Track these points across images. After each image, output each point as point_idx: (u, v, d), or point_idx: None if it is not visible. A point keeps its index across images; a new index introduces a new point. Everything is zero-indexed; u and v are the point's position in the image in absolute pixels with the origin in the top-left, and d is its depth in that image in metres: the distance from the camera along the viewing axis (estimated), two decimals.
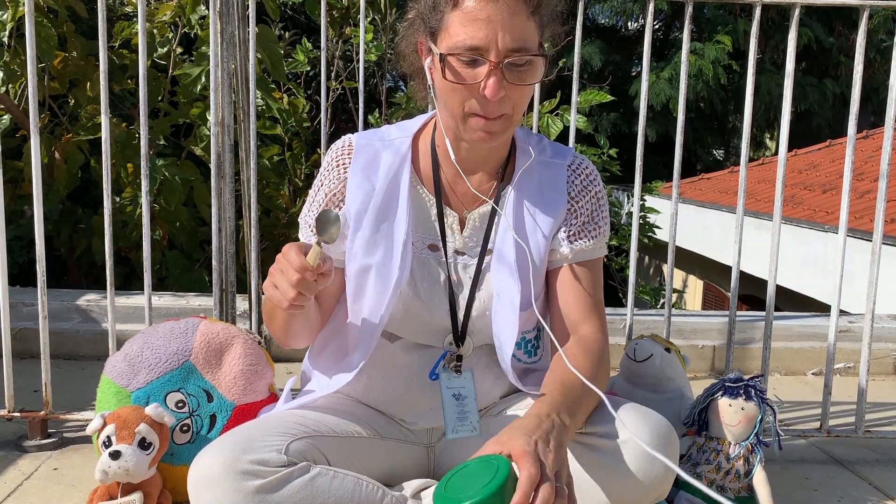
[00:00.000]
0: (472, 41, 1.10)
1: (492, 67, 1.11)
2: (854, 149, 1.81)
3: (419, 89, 1.30)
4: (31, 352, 2.08)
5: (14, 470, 1.66)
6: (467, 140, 1.21)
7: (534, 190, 1.28)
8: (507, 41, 1.10)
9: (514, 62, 1.12)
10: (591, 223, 1.30)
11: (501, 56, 1.10)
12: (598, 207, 1.31)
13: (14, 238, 3.65)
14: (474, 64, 1.12)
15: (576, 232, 1.29)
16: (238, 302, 2.00)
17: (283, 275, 1.07)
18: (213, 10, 1.83)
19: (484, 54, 1.11)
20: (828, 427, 1.90)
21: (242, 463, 1.07)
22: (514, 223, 1.26)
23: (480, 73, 1.12)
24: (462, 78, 1.13)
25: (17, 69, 3.19)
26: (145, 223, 1.82)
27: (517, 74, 1.13)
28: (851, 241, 5.32)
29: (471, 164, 1.27)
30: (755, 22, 1.82)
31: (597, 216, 1.31)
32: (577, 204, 1.29)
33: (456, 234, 1.28)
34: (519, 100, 1.16)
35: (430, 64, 1.19)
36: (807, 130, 12.90)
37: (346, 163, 1.28)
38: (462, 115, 1.16)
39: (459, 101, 1.15)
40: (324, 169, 1.31)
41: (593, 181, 1.32)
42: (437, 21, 1.15)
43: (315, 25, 3.90)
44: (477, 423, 1.26)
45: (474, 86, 1.13)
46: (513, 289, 1.23)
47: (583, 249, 1.29)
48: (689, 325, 2.66)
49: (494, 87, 1.11)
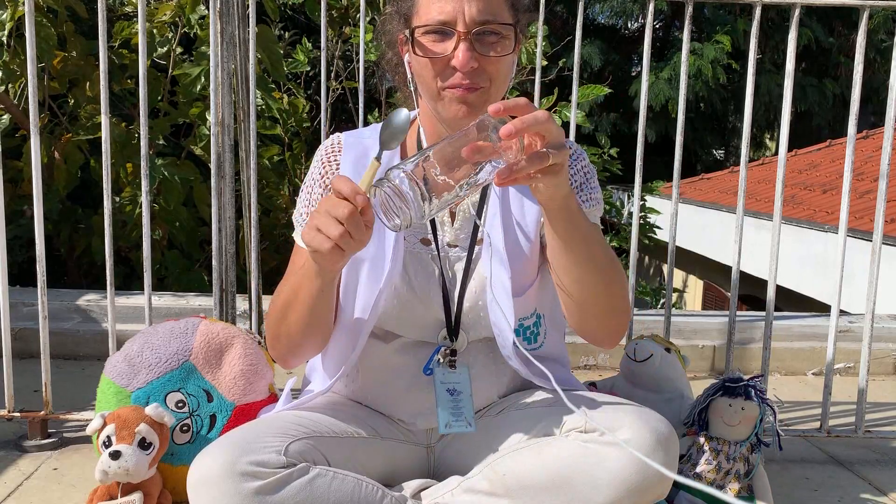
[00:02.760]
0: (440, 15, 1.14)
1: (460, 38, 1.13)
2: (854, 149, 1.81)
3: (403, 90, 1.31)
4: (31, 352, 2.07)
5: (14, 470, 1.66)
6: (447, 118, 1.20)
7: None
8: (474, 12, 1.13)
9: (483, 31, 1.14)
10: (583, 191, 1.30)
11: (469, 26, 1.13)
12: (585, 180, 1.31)
13: (14, 238, 3.65)
14: (444, 37, 1.15)
15: None
16: (238, 302, 2.00)
17: (329, 213, 0.99)
18: (213, 9, 1.82)
19: (452, 26, 1.14)
20: (828, 427, 1.90)
21: (242, 464, 1.07)
22: (501, 210, 1.27)
23: (450, 45, 1.14)
24: (433, 52, 1.15)
25: (16, 69, 3.19)
26: (145, 223, 1.82)
27: (487, 46, 1.15)
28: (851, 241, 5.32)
29: None
30: (755, 22, 1.82)
31: (586, 186, 1.31)
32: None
33: (447, 227, 1.29)
34: (495, 73, 1.17)
35: (409, 59, 1.21)
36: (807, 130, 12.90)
37: (336, 159, 1.30)
38: (437, 90, 1.17)
39: (433, 76, 1.17)
40: (316, 166, 1.32)
41: (578, 158, 1.32)
42: (409, 7, 1.19)
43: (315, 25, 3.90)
44: (472, 418, 1.26)
45: (446, 59, 1.15)
46: (503, 275, 1.23)
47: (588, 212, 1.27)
48: (689, 325, 2.66)
49: (464, 57, 1.13)
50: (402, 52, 1.23)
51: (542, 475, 1.16)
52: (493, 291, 1.22)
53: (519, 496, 1.17)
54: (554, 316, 1.37)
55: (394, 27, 1.24)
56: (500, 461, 1.20)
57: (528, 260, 1.27)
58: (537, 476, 1.16)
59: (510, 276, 1.22)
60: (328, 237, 1.00)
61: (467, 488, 1.22)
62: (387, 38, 1.27)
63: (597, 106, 12.68)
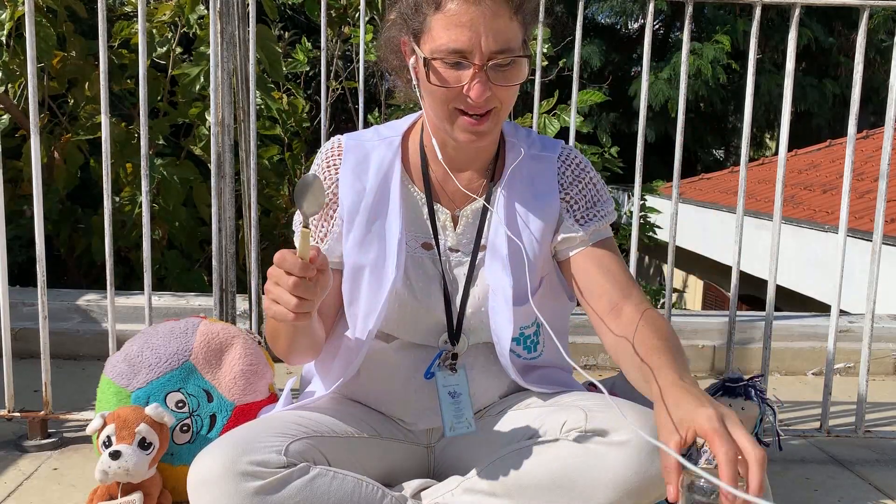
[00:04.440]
0: (455, 45, 1.10)
1: (476, 71, 1.11)
2: (854, 149, 1.81)
3: (402, 87, 1.30)
4: (31, 352, 2.07)
5: (14, 470, 1.66)
6: (455, 140, 1.20)
7: (525, 184, 1.28)
8: (491, 44, 1.10)
9: (499, 63, 1.12)
10: (597, 206, 1.30)
11: (485, 59, 1.10)
12: (596, 192, 1.31)
13: (14, 238, 3.65)
14: (458, 67, 1.12)
15: (584, 215, 1.29)
16: (238, 302, 2.00)
17: (279, 285, 1.00)
18: (213, 9, 1.82)
19: (468, 57, 1.11)
20: (828, 427, 1.90)
21: (242, 464, 1.07)
22: (505, 218, 1.26)
23: (465, 75, 1.12)
24: (446, 81, 1.13)
25: (16, 69, 3.19)
26: (145, 223, 1.82)
27: (502, 75, 1.13)
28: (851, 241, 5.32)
29: (459, 162, 1.27)
30: (755, 22, 1.82)
31: (598, 200, 1.31)
32: (572, 193, 1.29)
33: (449, 232, 1.28)
34: (505, 97, 1.16)
35: (413, 63, 1.19)
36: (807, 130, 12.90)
37: (336, 163, 1.28)
38: (448, 115, 1.16)
39: (444, 103, 1.15)
40: (315, 171, 1.31)
41: (584, 169, 1.32)
42: (420, 23, 1.15)
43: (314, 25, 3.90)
44: (472, 419, 1.26)
45: (459, 88, 1.13)
46: (505, 283, 1.22)
47: (597, 230, 1.29)
48: (689, 325, 2.66)
49: (479, 91, 1.11)
50: (407, 56, 1.21)
51: (541, 475, 1.16)
52: (495, 299, 1.22)
53: (519, 496, 1.17)
54: (555, 324, 1.34)
55: (398, 35, 1.22)
56: (500, 461, 1.20)
57: (532, 269, 1.27)
58: (537, 476, 1.16)
59: (512, 285, 1.22)
60: (286, 307, 1.01)
61: (467, 488, 1.22)
62: (391, 45, 1.25)
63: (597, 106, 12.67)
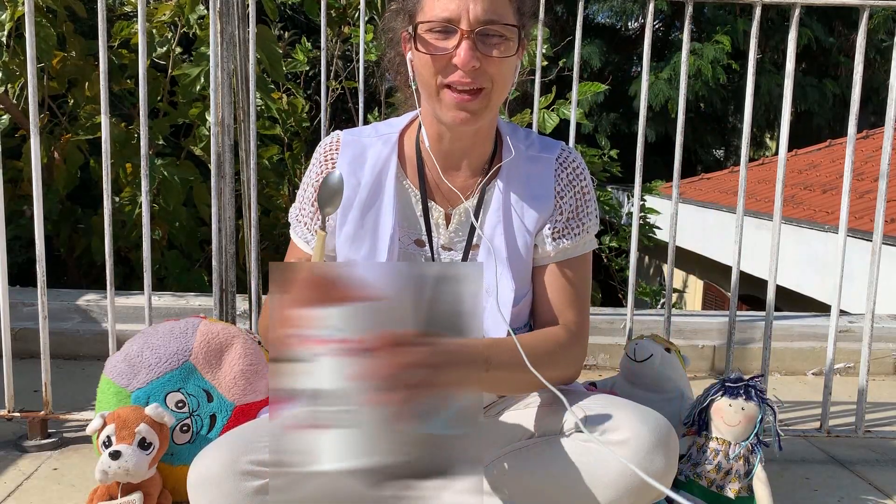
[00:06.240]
0: (444, 13, 1.13)
1: (463, 35, 1.13)
2: (854, 149, 1.81)
3: (404, 91, 1.30)
4: (31, 352, 2.07)
5: (14, 470, 1.66)
6: (446, 122, 1.20)
7: (521, 185, 1.28)
8: (479, 11, 1.12)
9: (486, 32, 1.13)
10: (574, 220, 1.29)
11: (472, 25, 1.12)
12: (583, 203, 1.30)
13: (14, 238, 3.65)
14: (447, 35, 1.14)
15: (560, 229, 1.28)
16: (238, 302, 2.00)
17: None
18: (213, 9, 1.82)
19: (455, 23, 1.13)
20: (828, 427, 1.90)
21: (242, 463, 1.07)
22: (503, 218, 1.26)
23: (453, 42, 1.14)
24: (435, 48, 1.15)
25: (16, 69, 3.19)
26: (145, 223, 1.82)
27: (490, 46, 1.14)
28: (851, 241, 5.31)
29: (454, 157, 1.27)
30: (755, 22, 1.82)
31: (581, 212, 1.30)
32: (562, 200, 1.29)
33: (442, 230, 1.28)
34: (497, 75, 1.16)
35: (411, 56, 1.20)
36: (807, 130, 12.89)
37: (334, 157, 1.29)
38: (436, 88, 1.17)
39: (433, 73, 1.16)
40: (313, 165, 1.32)
41: (579, 174, 1.31)
42: (413, 4, 1.18)
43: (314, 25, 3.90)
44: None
45: (448, 56, 1.14)
46: (506, 286, 1.22)
47: (564, 249, 1.28)
48: (689, 325, 2.66)
49: (466, 55, 1.12)
50: (406, 49, 1.23)
51: (542, 475, 1.16)
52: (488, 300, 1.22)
53: (519, 496, 1.17)
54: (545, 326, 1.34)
55: (397, 24, 1.24)
56: (500, 461, 1.20)
57: (526, 270, 1.27)
58: (537, 476, 1.16)
59: (513, 288, 1.22)
60: None
61: None
62: (389, 36, 1.26)
63: (597, 106, 12.68)
